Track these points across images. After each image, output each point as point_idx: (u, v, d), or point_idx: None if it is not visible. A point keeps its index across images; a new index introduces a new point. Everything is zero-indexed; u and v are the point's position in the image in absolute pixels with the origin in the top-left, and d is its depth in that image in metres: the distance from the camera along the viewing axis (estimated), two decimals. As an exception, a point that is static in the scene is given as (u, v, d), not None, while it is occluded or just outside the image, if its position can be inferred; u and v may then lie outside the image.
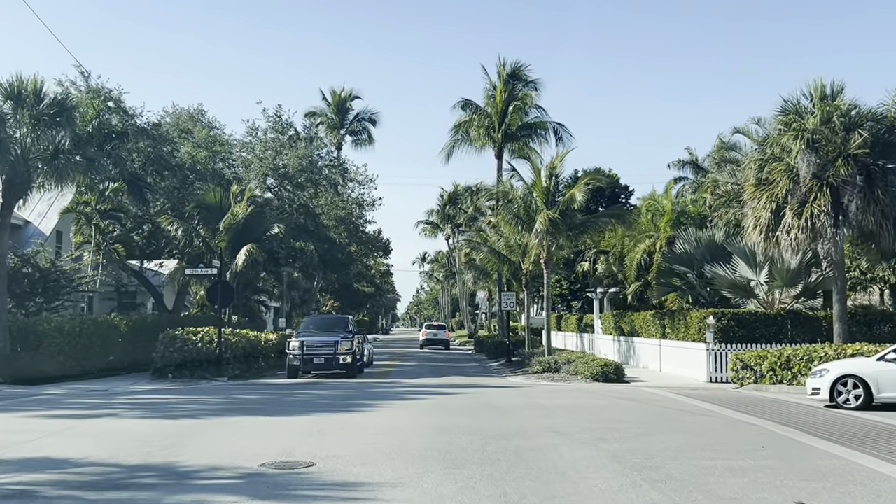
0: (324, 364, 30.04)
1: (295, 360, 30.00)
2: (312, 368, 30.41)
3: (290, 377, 29.74)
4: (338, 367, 30.08)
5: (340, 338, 30.45)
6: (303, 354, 29.95)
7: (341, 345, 30.08)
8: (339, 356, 29.97)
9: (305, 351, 29.99)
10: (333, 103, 62.34)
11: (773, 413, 17.95)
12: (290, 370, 30.10)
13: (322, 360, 29.98)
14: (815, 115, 23.60)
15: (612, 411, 18.13)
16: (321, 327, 32.92)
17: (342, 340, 30.26)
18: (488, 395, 22.61)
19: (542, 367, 32.37)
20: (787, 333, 28.91)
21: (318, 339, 30.66)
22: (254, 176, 40.51)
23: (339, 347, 30.02)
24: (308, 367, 30.19)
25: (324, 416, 17.26)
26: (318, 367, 30.18)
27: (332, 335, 30.88)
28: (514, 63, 50.32)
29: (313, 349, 30.10)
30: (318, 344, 30.23)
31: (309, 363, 30.07)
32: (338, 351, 29.98)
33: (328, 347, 30.09)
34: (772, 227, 24.22)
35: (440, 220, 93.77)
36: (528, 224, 35.58)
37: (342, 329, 32.07)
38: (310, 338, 30.77)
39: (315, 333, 31.60)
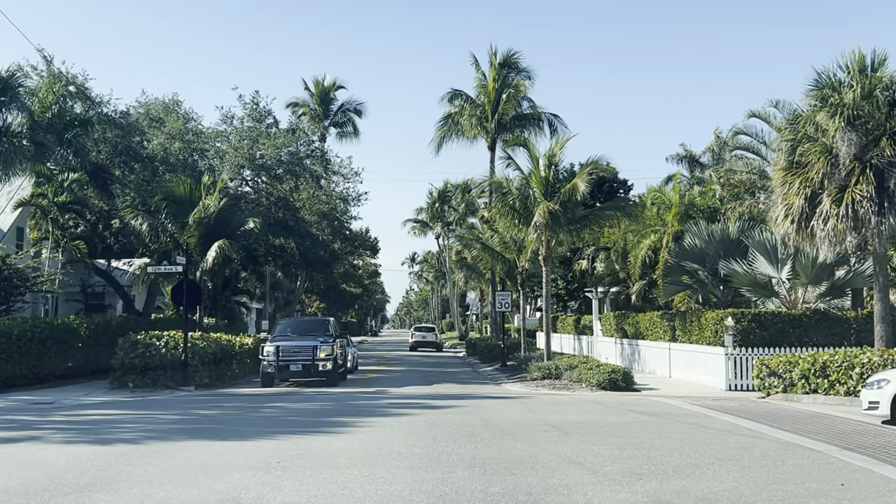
0: (301, 371, 27.33)
1: (269, 367, 27.23)
2: (289, 376, 27.72)
3: (265, 385, 27.06)
4: (317, 374, 27.38)
5: (320, 342, 27.66)
6: (278, 361, 27.17)
7: (321, 350, 27.37)
8: (319, 362, 27.25)
9: (281, 357, 27.21)
10: (317, 93, 59.32)
11: (825, 433, 15.11)
12: (264, 378, 27.31)
13: (299, 366, 27.25)
14: (855, 89, 20.77)
15: (635, 431, 15.23)
16: (299, 331, 29.89)
17: (322, 345, 27.53)
18: (485, 409, 19.69)
19: (542, 374, 29.62)
20: (813, 336, 26.19)
21: (295, 343, 27.91)
22: (228, 166, 37.44)
23: (319, 353, 27.31)
24: (284, 374, 27.49)
25: (290, 439, 14.32)
26: (295, 374, 27.49)
27: (311, 339, 28.03)
28: (507, 50, 47.75)
29: (290, 355, 27.37)
30: (295, 349, 27.53)
31: (285, 370, 27.33)
32: (317, 357, 27.28)
33: (306, 353, 27.41)
34: (805, 217, 21.40)
35: (430, 219, 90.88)
36: (525, 217, 32.77)
37: (322, 333, 29.06)
38: (286, 342, 28.01)
39: (292, 337, 28.82)
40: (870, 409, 16.30)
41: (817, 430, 15.39)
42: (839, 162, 20.75)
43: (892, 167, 20.06)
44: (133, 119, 39.95)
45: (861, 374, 20.31)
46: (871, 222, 20.18)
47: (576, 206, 32.71)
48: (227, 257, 32.38)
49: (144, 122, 41.14)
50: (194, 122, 43.37)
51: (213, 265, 31.40)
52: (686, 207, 36.64)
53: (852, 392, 20.52)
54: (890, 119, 20.51)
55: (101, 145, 36.84)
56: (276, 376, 27.35)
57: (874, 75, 20.78)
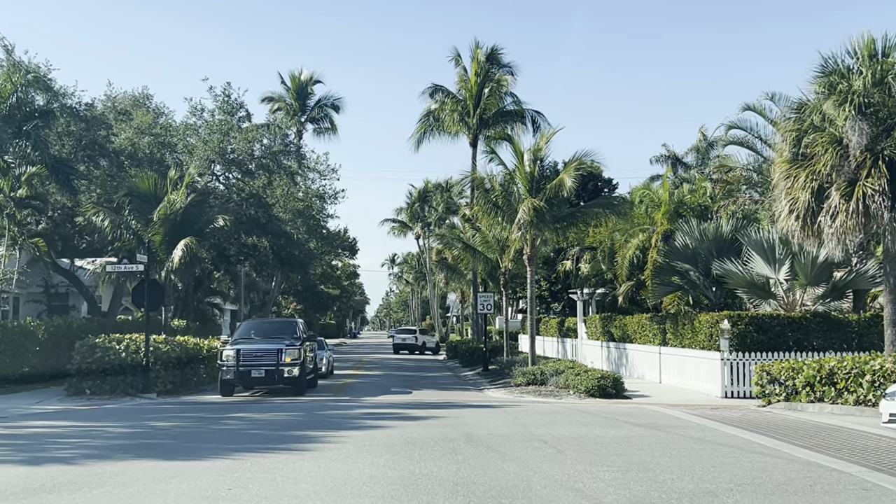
0: (264, 378, 24.93)
1: (228, 374, 24.85)
2: (250, 383, 25.43)
3: (224, 394, 24.87)
4: (282, 381, 25.03)
5: (285, 346, 25.25)
6: (238, 366, 24.75)
7: (286, 354, 24.93)
8: (284, 368, 24.79)
9: (241, 362, 24.79)
10: (293, 88, 57.39)
11: (846, 449, 13.60)
12: (223, 386, 25.05)
13: (262, 372, 24.81)
14: (865, 76, 19.33)
15: (636, 448, 13.66)
16: (263, 333, 27.35)
17: (287, 349, 25.10)
18: (468, 420, 18.07)
19: (527, 380, 28.09)
20: (813, 340, 24.79)
21: (257, 347, 25.49)
22: (197, 161, 35.60)
23: (284, 357, 24.85)
24: (245, 381, 25.15)
25: (248, 458, 12.65)
26: (258, 381, 25.15)
27: (276, 342, 25.61)
28: (490, 45, 46.22)
29: (251, 360, 24.94)
30: (258, 353, 25.12)
31: (246, 377, 24.91)
32: (282, 361, 24.81)
33: (270, 357, 24.95)
34: (812, 212, 19.92)
35: (409, 219, 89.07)
36: (508, 215, 31.20)
37: (289, 335, 26.59)
38: (247, 345, 25.57)
39: (255, 340, 26.39)
40: (891, 421, 14.84)
41: (837, 446, 13.89)
42: (849, 153, 19.30)
43: (906, 159, 18.64)
44: (98, 112, 38.17)
45: (872, 381, 18.86)
46: (883, 218, 18.73)
47: (562, 204, 31.19)
48: (194, 256, 30.56)
49: (111, 115, 39.35)
50: (165, 117, 41.67)
51: (179, 264, 29.56)
52: (676, 205, 35.23)
53: (862, 401, 19.07)
54: (904, 107, 19.12)
55: (64, 139, 35.03)
56: (235, 383, 25.14)
57: (885, 60, 19.35)
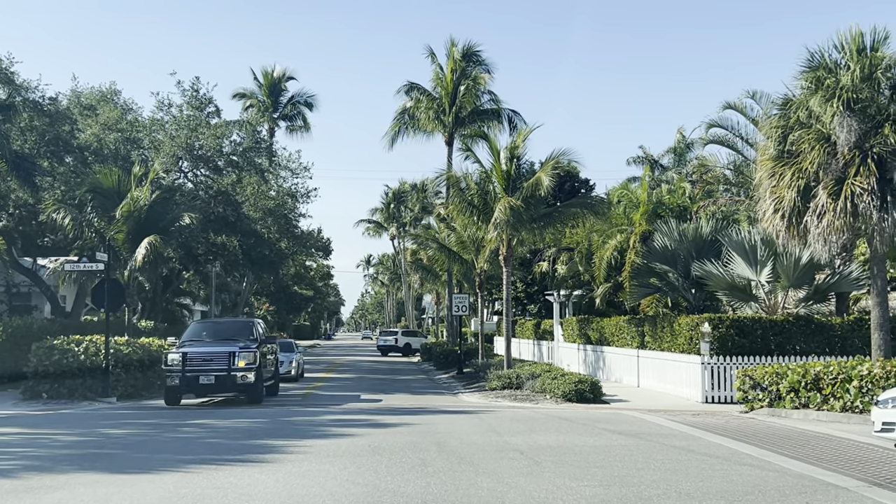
0: (214, 384, 22.42)
1: (174, 380, 22.31)
2: (199, 391, 22.83)
3: (169, 403, 22.53)
4: (234, 387, 22.69)
5: (239, 348, 22.71)
6: (184, 371, 22.19)
7: (240, 357, 22.42)
8: (237, 373, 22.28)
9: (188, 366, 22.23)
10: (265, 84, 56.29)
11: (839, 460, 12.87)
12: (168, 394, 22.65)
13: (212, 378, 22.26)
14: (853, 70, 18.66)
15: (617, 459, 12.84)
16: (215, 334, 24.63)
17: (242, 352, 22.58)
18: (440, 427, 17.20)
19: (502, 383, 27.28)
20: (796, 344, 24.14)
21: (207, 350, 22.89)
22: (163, 157, 34.50)
23: (237, 361, 22.34)
24: (192, 388, 22.51)
25: (202, 471, 11.72)
26: (207, 388, 22.62)
27: (228, 345, 23.05)
28: (466, 43, 45.34)
29: (199, 364, 22.38)
30: (207, 357, 22.56)
31: (193, 383, 22.29)
32: (234, 366, 22.28)
33: (220, 361, 22.41)
34: (798, 212, 19.23)
35: (384, 220, 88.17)
36: (484, 214, 30.38)
37: (245, 337, 23.96)
38: (196, 348, 22.98)
39: (205, 342, 23.76)
40: (884, 430, 14.10)
41: (828, 457, 13.15)
42: (837, 151, 18.62)
43: (895, 157, 17.96)
44: (63, 107, 37.03)
45: (860, 387, 18.20)
46: (872, 218, 18.06)
47: (539, 203, 30.42)
48: (159, 255, 29.51)
49: (76, 110, 38.21)
50: (133, 113, 40.57)
51: (143, 263, 28.49)
52: (654, 206, 34.53)
53: (849, 408, 18.40)
54: (893, 103, 18.47)
55: (27, 134, 33.87)
56: (181, 390, 22.54)
57: (874, 54, 18.68)
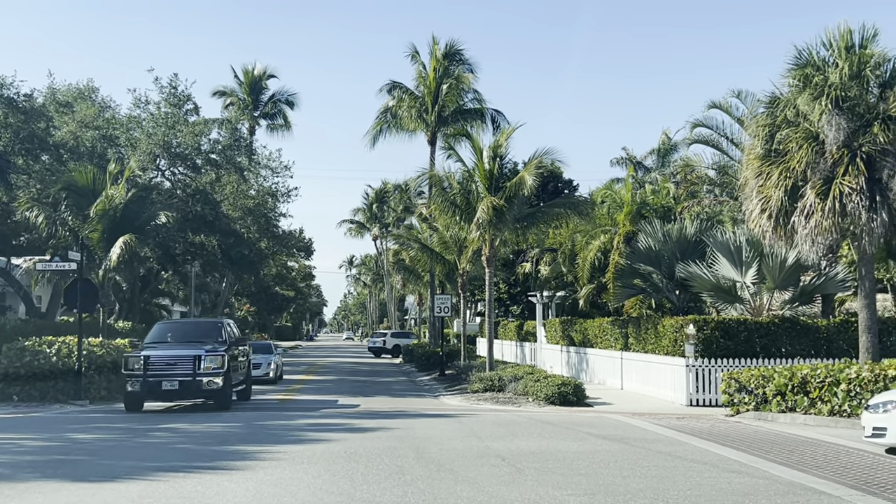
0: (178, 390, 20.84)
1: (134, 385, 20.68)
2: (162, 397, 21.28)
3: (130, 409, 20.92)
4: (200, 393, 21.10)
5: (205, 351, 21.07)
6: (146, 376, 20.58)
7: (206, 361, 20.81)
8: (203, 378, 20.67)
9: (150, 371, 20.63)
10: (246, 82, 55.65)
11: (829, 466, 12.49)
12: (128, 399, 21.03)
13: (175, 384, 20.64)
14: (841, 68, 18.34)
15: (602, 466, 12.42)
16: (181, 336, 23.04)
17: (208, 355, 20.97)
18: (420, 432, 16.73)
19: (484, 386, 26.84)
20: (781, 346, 23.82)
21: (170, 353, 21.34)
22: (140, 154, 33.87)
23: (203, 365, 20.73)
24: (155, 393, 20.89)
25: (169, 479, 11.21)
26: (170, 394, 21.05)
27: (194, 347, 21.38)
28: (449, 41, 44.98)
29: (162, 368, 20.80)
30: (171, 360, 21.00)
31: (156, 389, 20.68)
32: (200, 370, 20.67)
33: (185, 365, 20.80)
34: (785, 212, 18.89)
35: (367, 220, 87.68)
36: (467, 214, 29.95)
37: (213, 338, 22.31)
38: (159, 351, 21.42)
39: (169, 345, 22.16)
40: (874, 435, 13.73)
41: (818, 463, 12.78)
42: (825, 149, 18.30)
43: (885, 156, 17.65)
44: (39, 104, 36.39)
45: (848, 391, 17.86)
46: (861, 218, 17.73)
47: (522, 203, 30.05)
48: (134, 254, 28.99)
49: (52, 107, 37.57)
50: (111, 111, 39.95)
51: (117, 263, 27.95)
52: (638, 206, 34.17)
53: (837, 412, 18.06)
54: (882, 101, 18.15)
55: (1, 131, 33.27)
56: (143, 397, 20.97)
57: (863, 52, 18.37)
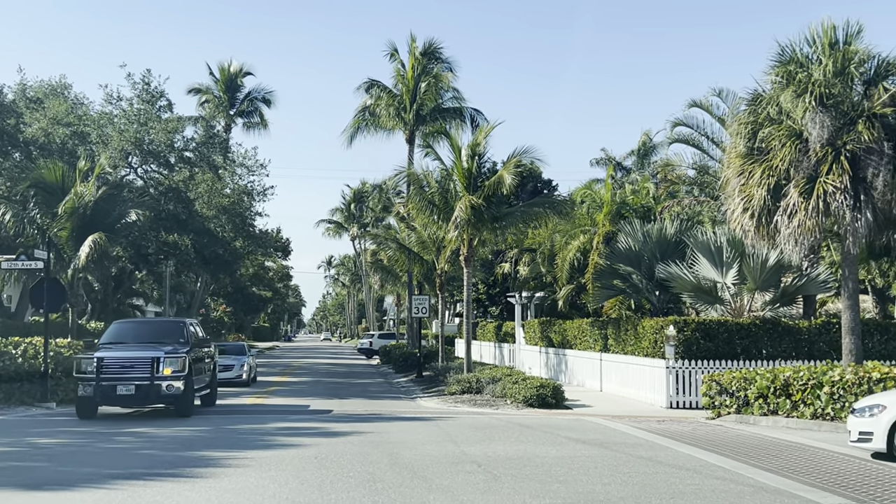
0: (134, 395, 19.11)
1: (87, 389, 18.97)
2: (116, 402, 19.56)
3: (82, 416, 19.26)
4: (159, 399, 19.34)
5: (165, 353, 19.40)
6: (99, 379, 18.88)
7: (166, 364, 19.16)
8: (162, 383, 19.02)
9: (103, 374, 18.93)
10: (222, 80, 54.89)
11: (816, 473, 12.12)
12: (80, 405, 19.39)
13: (132, 388, 18.93)
14: (825, 65, 18.02)
15: (582, 472, 11.98)
16: (139, 337, 21.10)
17: (168, 357, 19.30)
18: (394, 436, 16.24)
19: (461, 388, 26.37)
20: (762, 347, 23.51)
21: (126, 354, 19.58)
22: (111, 151, 33.16)
23: (162, 369, 19.10)
24: (109, 398, 19.19)
25: (125, 488, 10.67)
26: (126, 399, 19.38)
27: (153, 349, 19.65)
28: (428, 39, 44.53)
29: (117, 371, 19.10)
30: (127, 363, 19.26)
31: (110, 393, 19.00)
32: (159, 374, 19.03)
33: (142, 368, 19.11)
34: (768, 211, 18.55)
35: (345, 220, 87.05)
36: (445, 213, 29.47)
37: (174, 339, 20.61)
38: (114, 353, 19.66)
39: (125, 346, 20.25)
40: (860, 440, 13.39)
41: (804, 469, 12.40)
42: (808, 148, 17.94)
43: (869, 154, 17.32)
44: (9, 100, 35.66)
45: (831, 394, 17.53)
46: (845, 217, 17.40)
47: (501, 202, 29.63)
48: (104, 253, 28.33)
49: (22, 103, 36.81)
50: (84, 107, 39.21)
51: (86, 261, 27.28)
52: (618, 206, 33.87)
53: (820, 415, 17.74)
54: (867, 99, 17.85)
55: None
56: (96, 402, 19.32)
57: (847, 48, 18.06)
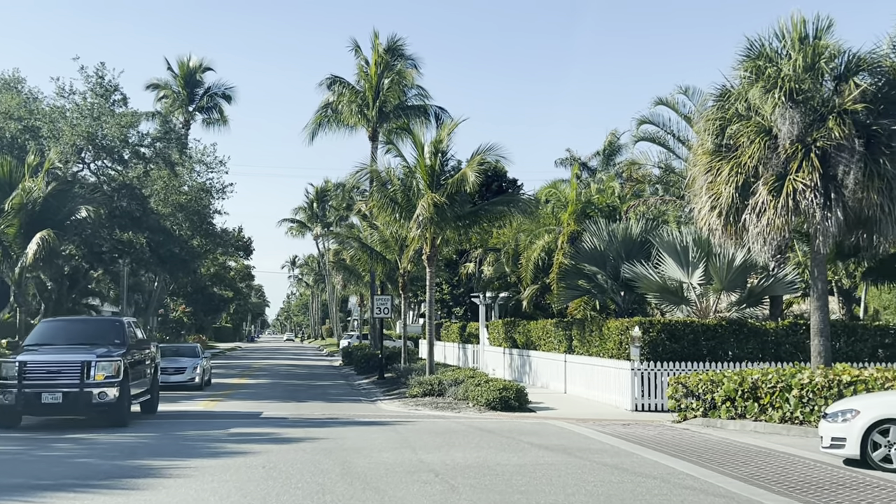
0: (62, 404, 17.26)
1: (8, 397, 17.12)
2: (41, 411, 17.76)
3: (3, 425, 17.49)
4: (89, 407, 17.43)
5: (97, 357, 17.51)
6: (21, 386, 17.09)
7: (98, 369, 17.29)
8: (93, 390, 17.16)
9: (27, 380, 17.16)
10: (181, 75, 53.76)
11: (788, 482, 11.60)
12: (1, 414, 17.50)
13: (58, 396, 17.14)
14: (795, 59, 17.58)
15: (544, 482, 11.35)
16: (69, 338, 19.10)
17: (101, 361, 17.44)
18: (350, 442, 15.51)
19: (423, 390, 25.75)
20: (729, 349, 23.09)
21: (53, 358, 17.78)
22: (62, 146, 32.08)
23: (94, 374, 17.23)
24: (33, 407, 17.47)
25: (54, 501, 9.88)
26: (52, 408, 17.46)
27: (84, 351, 17.77)
28: (391, 36, 43.99)
29: (42, 377, 17.31)
30: (53, 368, 17.48)
31: (34, 402, 17.22)
32: (89, 380, 17.18)
33: (70, 374, 17.25)
34: (736, 209, 18.08)
35: (308, 219, 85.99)
36: (408, 211, 28.80)
37: (108, 341, 18.67)
38: (39, 356, 17.85)
39: (53, 348, 18.39)
40: (833, 446, 12.89)
41: (776, 478, 11.87)
42: (778, 144, 17.47)
43: (840, 151, 16.88)
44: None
45: (800, 397, 17.09)
46: (815, 216, 16.94)
47: (465, 201, 29.05)
48: (53, 251, 27.31)
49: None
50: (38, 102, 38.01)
51: (34, 259, 26.27)
52: (583, 205, 33.44)
53: (789, 419, 17.29)
54: (837, 95, 17.42)
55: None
56: (18, 411, 17.59)
57: (817, 42, 17.62)
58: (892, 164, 16.83)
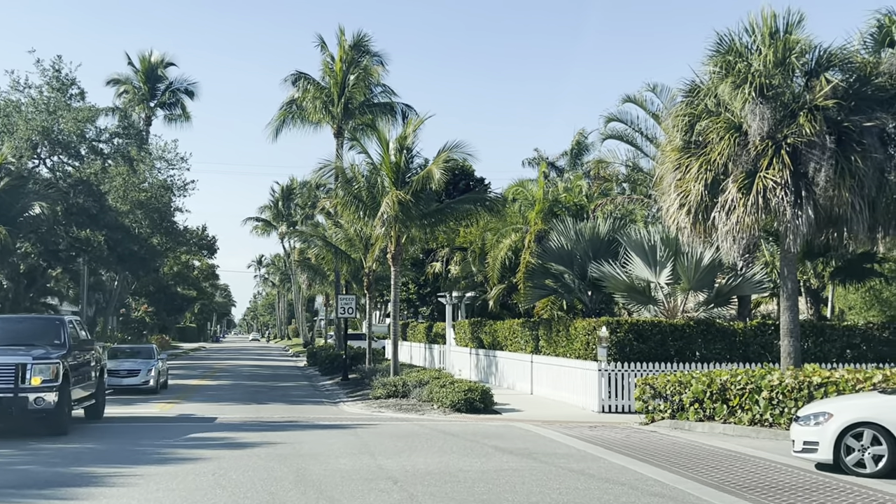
0: None
1: None
2: None
3: None
4: (25, 414, 15.99)
5: (33, 359, 16.03)
6: None
7: (34, 372, 15.84)
8: (28, 395, 15.73)
9: None
10: (142, 70, 52.73)
11: (762, 488, 11.19)
12: None
13: None
14: (765, 55, 17.25)
15: (506, 489, 10.84)
16: (3, 338, 17.50)
17: (37, 364, 15.96)
18: (307, 447, 14.90)
19: (387, 392, 25.24)
20: (696, 349, 22.77)
21: None
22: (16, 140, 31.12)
23: (30, 377, 15.78)
24: None
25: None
26: None
27: (18, 353, 16.26)
28: (357, 32, 43.28)
29: None
30: None
31: None
32: (24, 384, 15.74)
33: (3, 377, 15.78)
34: (705, 207, 17.72)
35: (273, 218, 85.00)
36: (372, 209, 28.26)
37: (47, 341, 17.30)
38: None
39: None
40: (805, 450, 12.51)
41: (747, 483, 11.46)
42: (748, 141, 17.13)
43: (811, 148, 16.55)
44: None
45: (770, 399, 16.75)
46: (785, 214, 16.62)
47: (430, 199, 28.61)
48: (6, 248, 26.44)
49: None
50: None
51: (-16, 258, 25.39)
52: (551, 204, 33.07)
53: (758, 421, 16.95)
54: (808, 90, 17.11)
55: None
56: None
57: (788, 37, 17.33)
58: (864, 162, 16.55)
